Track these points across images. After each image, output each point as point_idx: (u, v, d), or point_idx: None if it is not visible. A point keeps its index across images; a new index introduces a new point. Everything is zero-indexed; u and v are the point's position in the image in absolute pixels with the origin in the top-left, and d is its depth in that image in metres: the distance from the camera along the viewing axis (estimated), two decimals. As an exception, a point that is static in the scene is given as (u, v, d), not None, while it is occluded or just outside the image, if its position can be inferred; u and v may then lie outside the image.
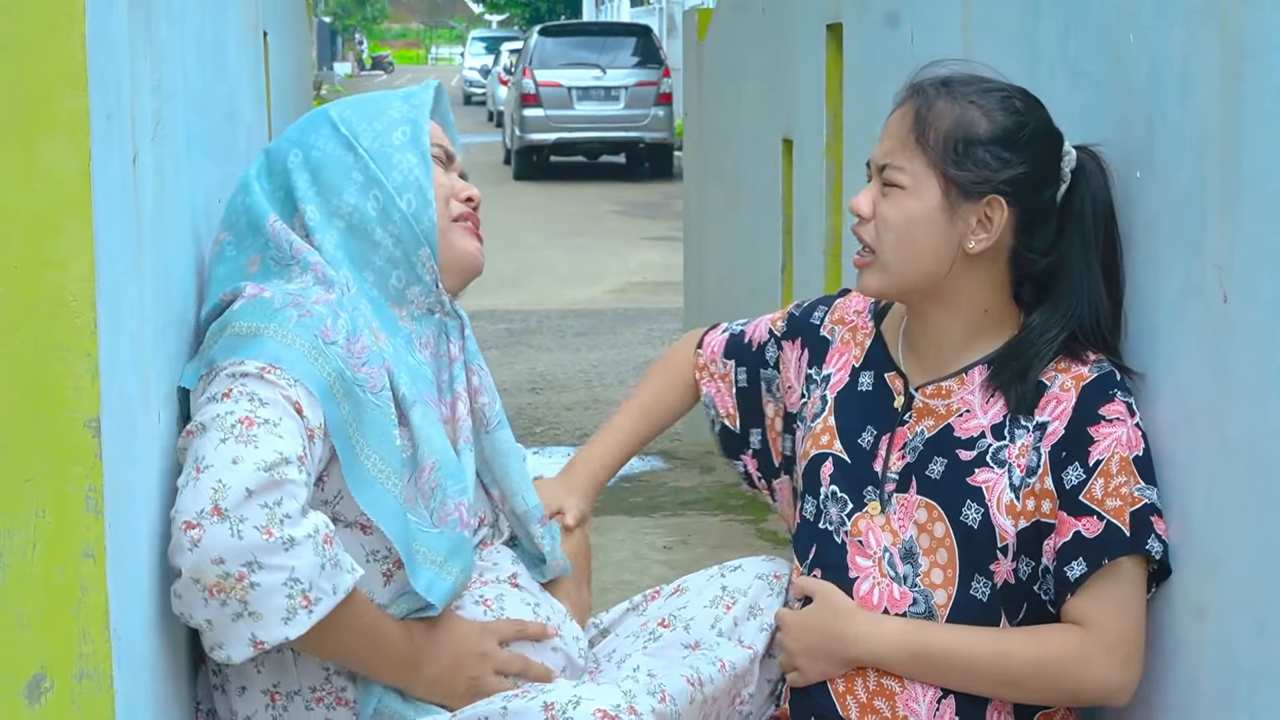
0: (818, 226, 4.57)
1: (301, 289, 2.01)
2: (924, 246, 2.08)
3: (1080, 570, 2.01)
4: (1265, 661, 1.78)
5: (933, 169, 2.07)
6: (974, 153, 2.06)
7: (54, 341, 1.46)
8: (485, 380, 2.18)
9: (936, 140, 2.06)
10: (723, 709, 2.15)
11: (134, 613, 1.66)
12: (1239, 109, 1.80)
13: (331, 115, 2.14)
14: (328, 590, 1.83)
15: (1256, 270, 1.78)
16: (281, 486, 1.80)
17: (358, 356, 1.98)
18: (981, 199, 2.06)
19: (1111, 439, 2.02)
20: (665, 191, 17.49)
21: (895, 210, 2.09)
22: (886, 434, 2.17)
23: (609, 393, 7.88)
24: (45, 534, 1.47)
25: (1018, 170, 2.06)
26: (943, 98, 2.09)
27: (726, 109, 6.12)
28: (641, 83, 19.55)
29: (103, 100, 1.52)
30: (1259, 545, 1.79)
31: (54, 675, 1.48)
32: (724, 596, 2.26)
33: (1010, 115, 2.08)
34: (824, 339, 2.31)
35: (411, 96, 2.17)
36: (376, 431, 1.96)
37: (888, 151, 2.11)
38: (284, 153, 2.13)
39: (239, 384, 1.88)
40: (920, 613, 2.08)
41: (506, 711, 1.87)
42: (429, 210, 2.09)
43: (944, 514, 2.09)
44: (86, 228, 1.47)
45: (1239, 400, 1.83)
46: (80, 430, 1.47)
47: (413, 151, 2.11)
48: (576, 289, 11.47)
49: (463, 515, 2.04)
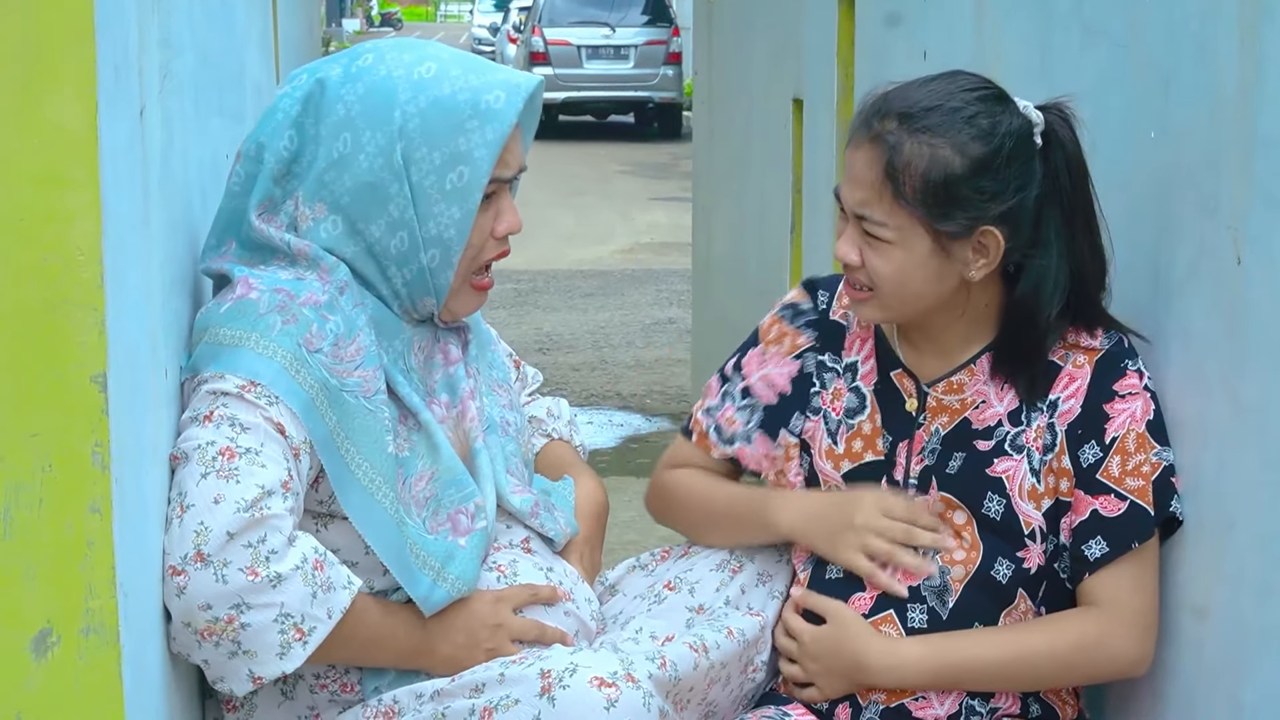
0: (827, 187, 4.54)
1: (295, 281, 1.96)
2: (924, 289, 2.02)
3: (1101, 550, 2.00)
4: (1273, 624, 1.78)
5: (917, 222, 1.97)
6: (956, 195, 1.96)
7: (61, 295, 1.46)
8: (480, 384, 2.14)
9: (914, 193, 1.96)
10: (733, 675, 2.12)
11: (141, 568, 1.66)
12: (1257, 69, 1.78)
13: (397, 117, 1.97)
14: (321, 617, 1.83)
15: (1271, 232, 1.76)
16: (264, 523, 1.79)
17: (349, 360, 1.94)
18: (974, 234, 1.99)
19: (1126, 415, 2.01)
20: (674, 152, 17.43)
21: (887, 264, 2.00)
22: (904, 440, 2.11)
23: (616, 354, 7.87)
24: (52, 489, 1.47)
25: (1004, 201, 1.98)
26: (907, 140, 1.96)
27: (736, 68, 6.09)
28: (651, 41, 19.46)
29: (110, 53, 1.51)
30: (1270, 508, 1.78)
31: (60, 630, 1.48)
32: (731, 560, 2.23)
33: (982, 141, 1.97)
34: (837, 324, 2.21)
35: (494, 116, 1.98)
36: (367, 438, 1.93)
37: (862, 202, 2.00)
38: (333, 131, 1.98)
39: (220, 405, 1.85)
40: (935, 586, 2.06)
41: (504, 678, 1.86)
42: (448, 272, 2.02)
43: (966, 507, 2.07)
44: (93, 181, 1.46)
45: (1252, 362, 1.82)
46: (87, 385, 1.47)
47: (459, 205, 1.99)
48: (584, 249, 11.44)
49: (458, 524, 2.01)
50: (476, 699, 1.86)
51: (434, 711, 1.88)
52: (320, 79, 2.01)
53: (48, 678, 1.48)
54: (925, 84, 2.03)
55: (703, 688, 2.07)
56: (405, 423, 2.02)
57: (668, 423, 6.34)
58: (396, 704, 1.94)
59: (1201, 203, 1.93)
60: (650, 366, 7.55)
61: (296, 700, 1.99)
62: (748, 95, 5.85)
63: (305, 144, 2.00)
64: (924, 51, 3.28)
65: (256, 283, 1.95)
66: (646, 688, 1.85)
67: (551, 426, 2.41)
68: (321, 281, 1.96)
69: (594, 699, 1.81)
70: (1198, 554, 1.98)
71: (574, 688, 1.81)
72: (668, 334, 8.40)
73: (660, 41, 19.46)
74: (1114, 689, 2.14)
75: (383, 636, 1.94)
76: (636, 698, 1.83)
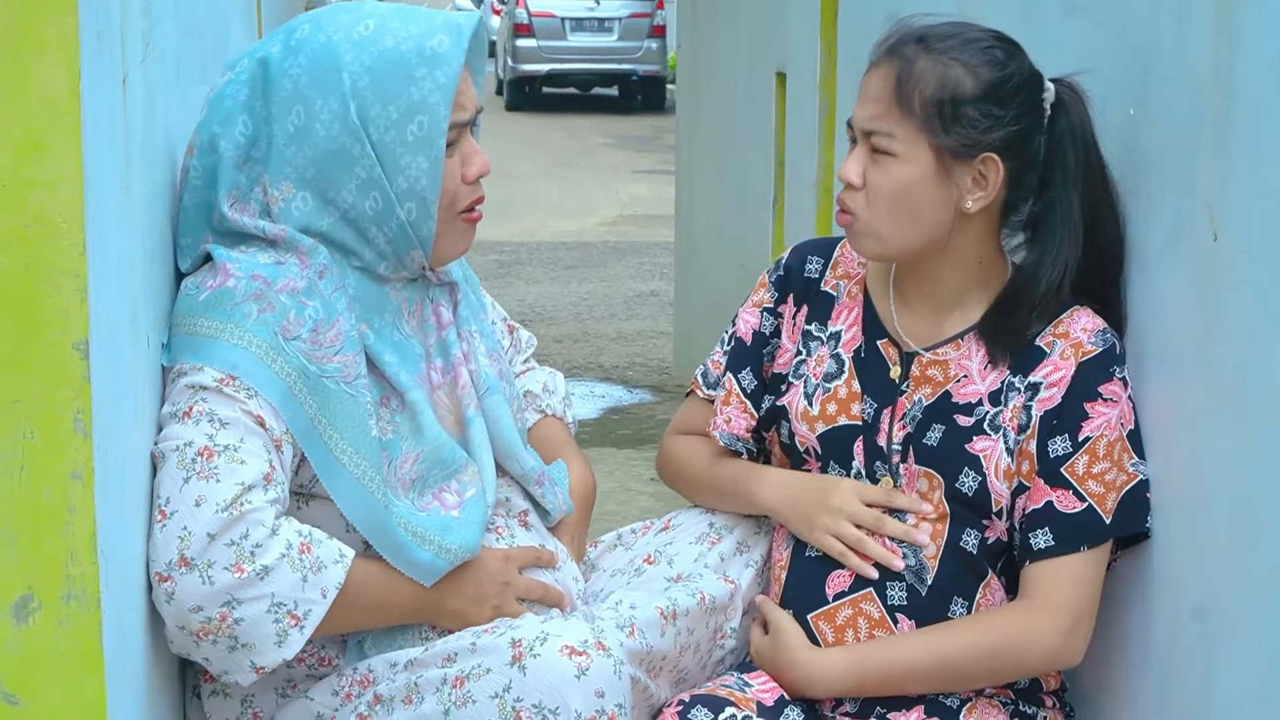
0: (810, 161, 4.56)
1: (273, 266, 1.94)
2: (921, 212, 2.04)
3: (1046, 543, 2.02)
4: (1244, 605, 1.79)
5: (921, 134, 2.01)
6: (962, 113, 2.00)
7: (42, 262, 1.46)
8: (474, 346, 2.13)
9: (922, 104, 2.00)
10: (701, 640, 2.14)
11: (122, 535, 1.67)
12: (1232, 47, 1.79)
13: (345, 79, 1.95)
14: (316, 598, 1.84)
15: (1247, 209, 1.77)
16: (245, 519, 1.80)
17: (329, 345, 1.93)
18: (975, 158, 2.02)
19: (1104, 420, 2.02)
20: (657, 124, 17.40)
21: (887, 179, 2.03)
22: (888, 407, 2.13)
23: (599, 326, 7.88)
24: (33, 456, 1.47)
25: (1008, 126, 2.01)
26: (922, 56, 2.01)
27: (720, 42, 6.08)
28: (635, 14, 19.40)
29: (92, 19, 1.51)
30: (1246, 487, 1.79)
31: (41, 596, 1.48)
32: (710, 533, 2.25)
33: (994, 68, 2.02)
34: (827, 294, 2.22)
35: (441, 60, 1.96)
36: (349, 423, 1.93)
37: (872, 117, 2.04)
38: (284, 107, 1.96)
39: (199, 400, 1.85)
40: (911, 565, 2.07)
41: (475, 648, 1.87)
42: (429, 221, 2.00)
43: (942, 482, 2.08)
44: (75, 148, 1.46)
45: (1227, 339, 1.83)
46: (69, 352, 1.47)
47: (424, 154, 1.97)
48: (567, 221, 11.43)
49: (445, 501, 2.02)
50: (449, 668, 1.87)
51: (407, 680, 1.89)
52: (261, 59, 1.99)
53: (29, 643, 1.48)
54: (947, 20, 2.09)
55: (674, 655, 2.09)
56: (388, 405, 2.01)
57: (649, 395, 6.35)
58: (371, 673, 1.95)
59: (1179, 180, 1.94)
60: (632, 339, 7.56)
61: (275, 673, 1.99)
62: (731, 69, 5.85)
63: (259, 126, 1.97)
64: (907, 26, 3.28)
65: (234, 269, 1.93)
66: (618, 655, 1.86)
67: (546, 402, 2.40)
68: (300, 266, 1.95)
69: (565, 667, 1.81)
70: (1173, 533, 1.99)
71: (545, 656, 1.82)
72: (650, 306, 8.41)
73: (644, 14, 19.40)
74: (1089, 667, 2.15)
75: (386, 599, 1.95)
76: (607, 665, 1.83)
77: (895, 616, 2.08)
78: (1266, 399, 1.74)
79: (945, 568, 2.07)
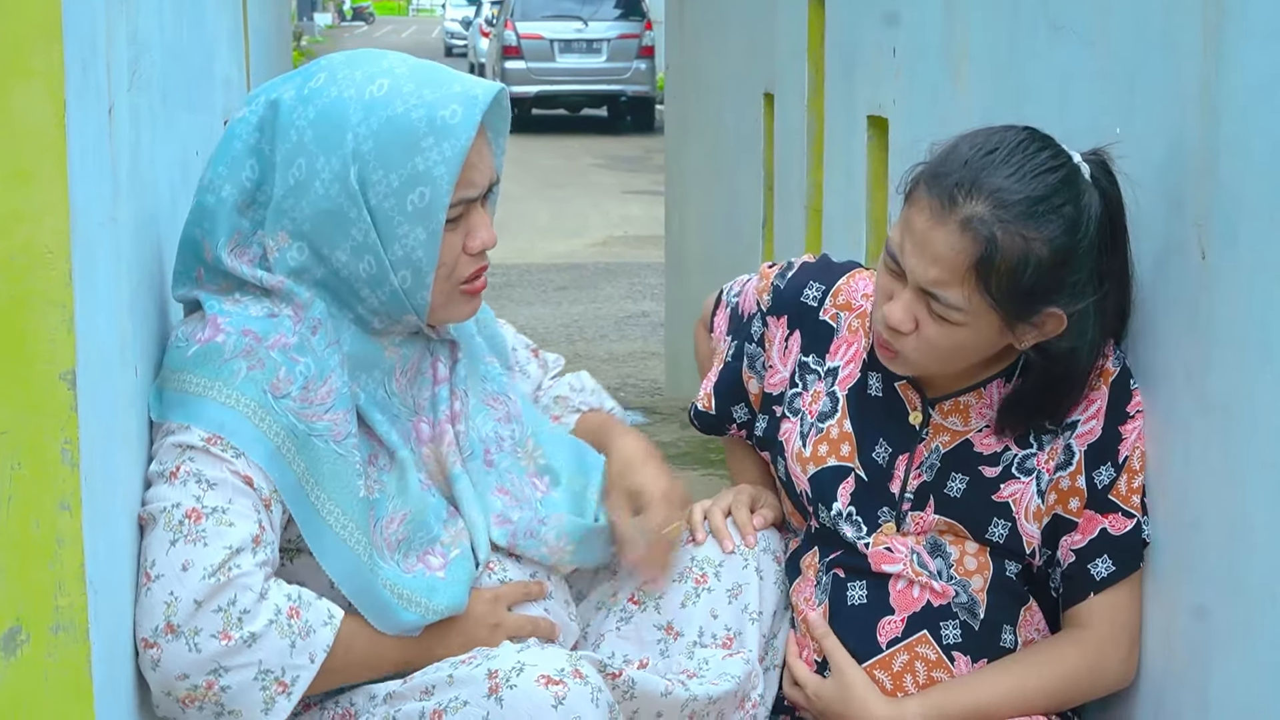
0: (799, 181, 4.56)
1: (266, 320, 1.91)
2: (973, 358, 2.01)
3: (1108, 569, 2.01)
4: (1239, 620, 1.79)
5: (994, 310, 1.91)
6: (1039, 288, 1.91)
7: (29, 292, 1.45)
8: (466, 406, 2.08)
9: (1002, 290, 1.89)
10: (726, 710, 2.07)
11: (111, 566, 1.66)
12: (1219, 65, 1.80)
13: (349, 141, 1.89)
14: (304, 664, 1.82)
15: (1235, 228, 1.77)
16: (232, 584, 1.78)
17: (319, 403, 1.90)
18: (1040, 314, 1.95)
19: (1135, 434, 2.02)
20: (647, 145, 17.44)
21: (946, 339, 1.95)
22: (905, 453, 2.08)
23: (590, 347, 7.87)
24: (21, 487, 1.46)
25: (1073, 285, 1.93)
26: (1001, 232, 1.88)
27: (708, 62, 6.09)
28: (624, 35, 19.47)
29: (77, 49, 1.51)
30: (1236, 506, 1.79)
31: (30, 628, 1.47)
32: (693, 568, 2.19)
33: (1069, 233, 1.91)
34: (826, 325, 2.17)
35: (450, 132, 1.89)
36: (337, 483, 1.90)
37: (938, 282, 1.91)
38: (288, 158, 1.91)
39: (186, 461, 1.83)
40: (963, 602, 2.05)
41: (453, 680, 1.85)
42: (424, 290, 1.94)
43: (967, 533, 2.05)
44: (61, 177, 1.45)
45: (1217, 359, 1.83)
46: (56, 383, 1.46)
47: (423, 226, 1.90)
48: (558, 242, 11.44)
49: (429, 564, 1.99)
50: (426, 701, 1.85)
51: (386, 714, 1.88)
52: (273, 101, 1.94)
53: (17, 676, 1.47)
54: (1006, 159, 1.93)
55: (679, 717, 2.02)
56: (375, 462, 1.98)
57: (640, 416, 6.34)
58: (353, 706, 1.93)
59: (1167, 199, 1.94)
60: (623, 359, 7.57)
61: None
62: (719, 89, 5.86)
63: (265, 171, 1.94)
64: (893, 48, 3.30)
65: (224, 323, 1.90)
66: (595, 683, 1.83)
67: (579, 400, 2.37)
68: (294, 320, 1.92)
69: (541, 697, 1.79)
70: (1165, 551, 1.99)
71: (521, 687, 1.80)
72: (641, 327, 8.41)
73: (633, 35, 19.47)
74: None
75: (375, 656, 1.93)
76: (584, 693, 1.81)
77: (952, 655, 2.06)
78: (1256, 416, 1.73)
79: (993, 598, 2.06)
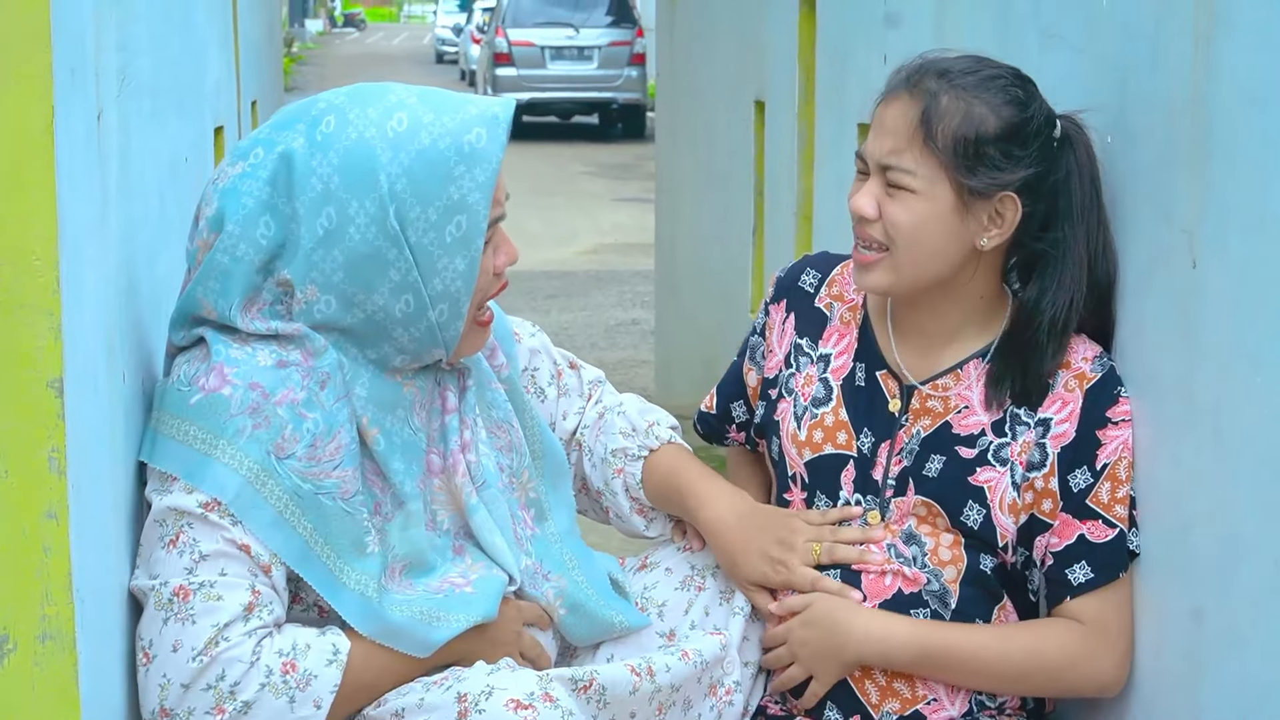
0: (789, 189, 4.57)
1: (274, 371, 1.86)
2: (937, 247, 2.02)
3: (1086, 576, 2.02)
4: (1229, 625, 1.79)
5: (944, 171, 1.99)
6: (985, 152, 1.98)
7: (16, 299, 1.45)
8: (476, 435, 2.05)
9: (946, 142, 1.98)
10: (695, 698, 2.07)
11: (98, 574, 1.65)
12: (1210, 73, 1.80)
13: (383, 181, 1.85)
14: (309, 712, 1.81)
15: (1225, 236, 1.78)
16: (218, 661, 1.78)
17: (328, 460, 1.87)
18: (994, 197, 2.00)
19: (1118, 442, 2.02)
20: (638, 152, 17.44)
21: (906, 214, 2.01)
22: (886, 440, 2.12)
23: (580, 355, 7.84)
24: (8, 495, 1.46)
25: (1028, 168, 2.00)
26: (945, 92, 1.99)
27: (699, 70, 6.09)
28: (615, 42, 19.46)
29: (66, 55, 1.50)
30: (1226, 510, 1.79)
31: (16, 636, 1.47)
32: (694, 576, 2.20)
33: (1016, 108, 2.00)
34: (820, 312, 2.21)
35: (480, 157, 1.88)
36: (347, 540, 1.89)
37: (891, 151, 2.01)
38: (314, 208, 1.85)
39: (184, 527, 1.81)
40: (935, 590, 2.07)
41: (423, 704, 1.84)
42: (458, 323, 1.93)
43: (944, 513, 2.07)
44: (50, 184, 1.45)
45: (1206, 365, 1.83)
46: (43, 390, 1.46)
47: (462, 255, 1.89)
48: (548, 250, 11.43)
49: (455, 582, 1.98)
50: None
51: None
52: (284, 153, 1.87)
53: (4, 684, 1.47)
54: (962, 54, 2.07)
55: (649, 712, 2.01)
56: (380, 511, 1.95)
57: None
58: None
59: (1157, 207, 1.95)
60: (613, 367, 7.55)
61: None
62: (710, 97, 5.87)
63: (284, 226, 1.87)
64: (884, 55, 3.30)
65: (231, 374, 1.84)
66: (566, 705, 1.82)
67: (637, 443, 2.28)
68: (302, 374, 1.87)
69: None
70: (1156, 557, 1.99)
71: (490, 712, 1.78)
72: (631, 335, 8.41)
73: (624, 42, 19.46)
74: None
75: (390, 678, 1.91)
76: (554, 716, 1.80)
77: None
78: (1245, 422, 1.74)
79: (966, 590, 2.07)
